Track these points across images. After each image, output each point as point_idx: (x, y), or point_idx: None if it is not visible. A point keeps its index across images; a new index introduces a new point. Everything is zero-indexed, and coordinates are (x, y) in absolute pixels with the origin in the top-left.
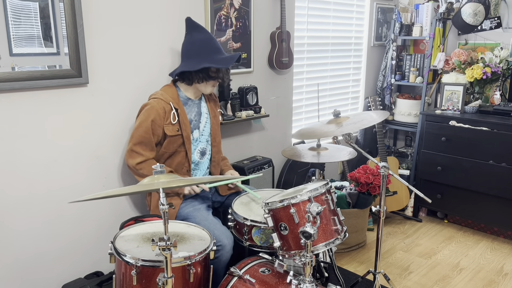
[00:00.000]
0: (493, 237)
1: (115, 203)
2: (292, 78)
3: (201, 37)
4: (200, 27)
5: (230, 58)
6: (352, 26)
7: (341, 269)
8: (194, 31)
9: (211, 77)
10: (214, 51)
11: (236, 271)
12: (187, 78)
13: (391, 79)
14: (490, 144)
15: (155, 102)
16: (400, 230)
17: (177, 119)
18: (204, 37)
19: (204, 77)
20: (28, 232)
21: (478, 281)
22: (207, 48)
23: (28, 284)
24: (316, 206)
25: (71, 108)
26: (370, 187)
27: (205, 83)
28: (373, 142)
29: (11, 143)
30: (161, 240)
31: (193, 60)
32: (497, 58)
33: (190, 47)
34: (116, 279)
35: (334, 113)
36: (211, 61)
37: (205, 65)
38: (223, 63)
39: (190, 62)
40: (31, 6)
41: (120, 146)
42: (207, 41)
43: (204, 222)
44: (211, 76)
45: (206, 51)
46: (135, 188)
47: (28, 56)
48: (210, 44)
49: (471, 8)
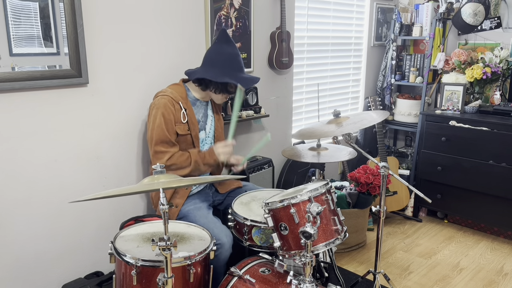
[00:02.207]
0: (493, 237)
1: (115, 203)
2: (292, 78)
3: (229, 51)
4: (231, 41)
5: (250, 79)
6: (352, 26)
7: (341, 269)
8: (225, 43)
9: (228, 91)
10: (238, 69)
11: (236, 271)
12: (205, 84)
13: (391, 79)
14: (490, 144)
15: (165, 99)
16: (400, 230)
17: (187, 119)
18: (232, 51)
19: (222, 89)
20: (28, 232)
21: (478, 281)
22: (232, 64)
23: (28, 284)
24: (316, 206)
25: (71, 108)
26: (370, 187)
27: (220, 94)
28: (373, 142)
29: (11, 143)
30: (161, 240)
31: (216, 70)
32: (497, 58)
33: (216, 57)
34: (116, 279)
35: (334, 113)
36: (234, 78)
37: (228, 80)
38: (244, 83)
39: (213, 71)
40: (31, 6)
41: (120, 146)
42: (234, 56)
43: (204, 220)
44: (228, 91)
45: (231, 65)
46: (135, 188)
47: (28, 56)
48: (235, 60)
49: (471, 8)
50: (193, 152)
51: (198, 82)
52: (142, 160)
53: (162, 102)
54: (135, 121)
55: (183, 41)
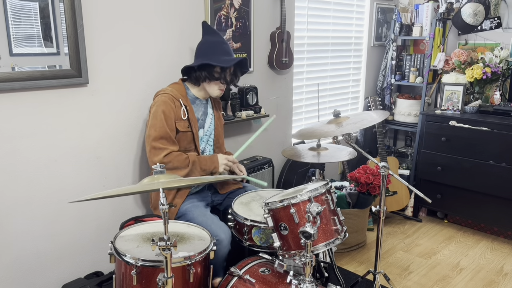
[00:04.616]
0: (493, 237)
1: (115, 203)
2: (292, 78)
3: (212, 40)
4: (214, 31)
5: (233, 59)
6: (352, 26)
7: (341, 269)
8: (208, 34)
9: (215, 77)
10: (222, 53)
11: (236, 271)
12: (193, 77)
13: (391, 79)
14: (490, 144)
15: (165, 97)
16: (400, 230)
17: (187, 116)
18: (215, 40)
19: (207, 76)
20: (28, 232)
21: (478, 281)
22: (215, 49)
23: (28, 284)
24: (316, 206)
25: (71, 108)
26: (370, 187)
27: (209, 82)
28: (373, 142)
29: (11, 143)
30: (161, 240)
31: (199, 59)
32: (497, 58)
33: (200, 47)
34: (116, 279)
35: (334, 113)
36: (214, 60)
37: (205, 62)
38: (225, 62)
39: (196, 60)
40: (31, 6)
41: (120, 146)
42: (217, 43)
43: (202, 217)
44: (214, 76)
45: (213, 51)
46: (135, 188)
47: (28, 56)
48: (219, 46)
49: (471, 8)
50: (192, 155)
51: (188, 77)
52: (142, 160)
53: (162, 99)
54: (135, 121)
55: (183, 41)
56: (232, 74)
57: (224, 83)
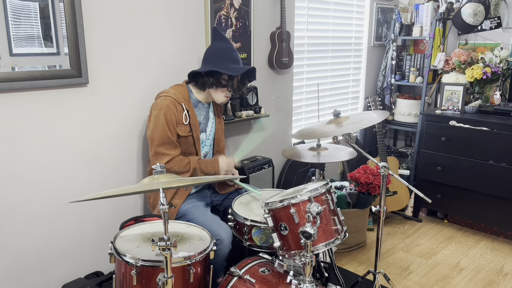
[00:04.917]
0: (493, 237)
1: (115, 203)
2: (292, 78)
3: (221, 46)
4: (223, 37)
5: (242, 68)
6: (352, 26)
7: (341, 269)
8: (217, 40)
9: (222, 84)
10: (230, 60)
11: (236, 271)
12: (200, 82)
13: (391, 79)
14: (490, 144)
15: (167, 100)
16: (400, 230)
17: (189, 120)
18: (223, 46)
19: (215, 82)
20: (28, 232)
21: (478, 281)
22: (223, 56)
23: (28, 284)
24: (316, 206)
25: (71, 108)
26: (370, 187)
27: (215, 89)
28: (373, 142)
29: (11, 143)
30: (161, 240)
31: (207, 65)
32: (497, 58)
33: (208, 53)
34: (116, 279)
35: (334, 113)
36: (221, 67)
37: (213, 69)
38: (233, 71)
39: (204, 66)
40: (31, 6)
41: (120, 146)
42: (226, 50)
43: (203, 217)
44: (222, 83)
45: (221, 58)
46: (135, 188)
47: (28, 56)
48: (227, 53)
49: (471, 8)
50: (193, 159)
51: (194, 82)
52: (142, 160)
53: (165, 103)
54: (135, 121)
55: (183, 41)
56: (239, 82)
57: (231, 91)
